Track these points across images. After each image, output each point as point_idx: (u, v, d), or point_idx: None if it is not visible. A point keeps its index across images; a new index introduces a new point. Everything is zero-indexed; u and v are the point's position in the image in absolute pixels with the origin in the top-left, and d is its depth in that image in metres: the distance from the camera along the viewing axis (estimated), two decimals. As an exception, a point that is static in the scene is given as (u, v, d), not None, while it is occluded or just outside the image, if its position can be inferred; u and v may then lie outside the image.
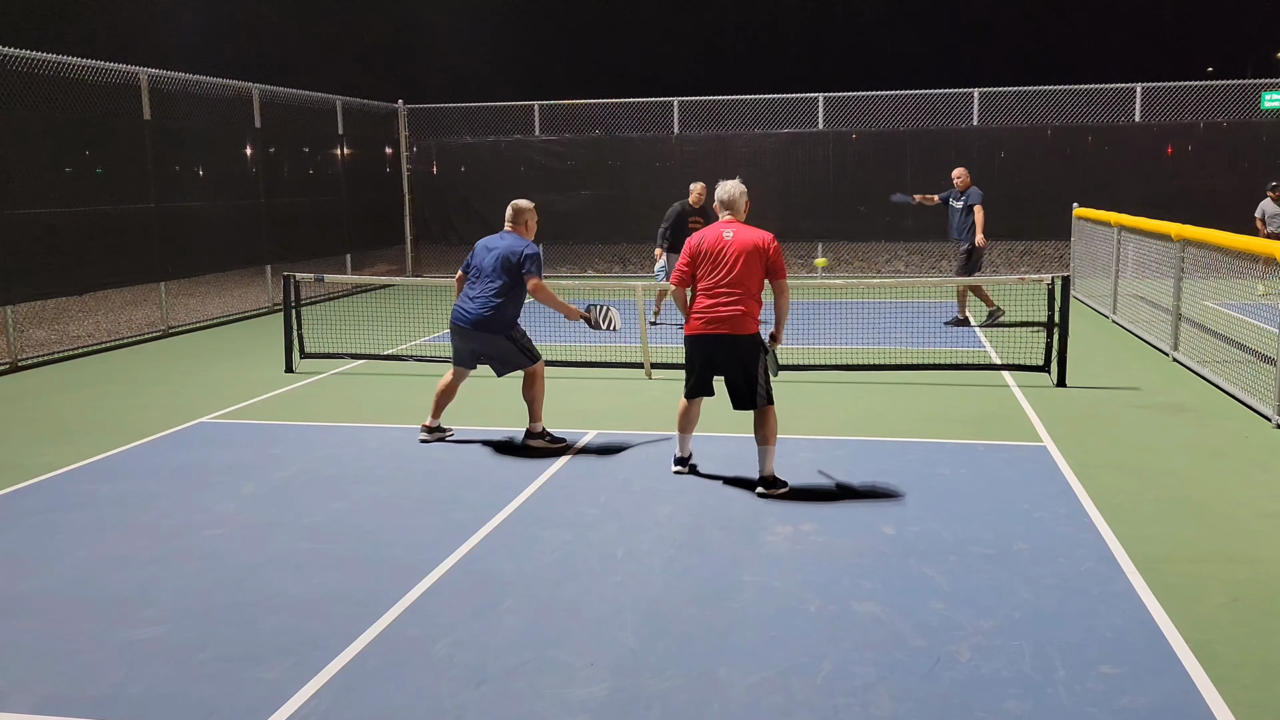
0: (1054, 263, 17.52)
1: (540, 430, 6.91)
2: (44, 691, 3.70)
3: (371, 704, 3.58)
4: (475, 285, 6.84)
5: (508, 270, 6.72)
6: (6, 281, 10.24)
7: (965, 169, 12.01)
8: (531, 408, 6.90)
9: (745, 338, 5.74)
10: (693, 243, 5.86)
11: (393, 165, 19.16)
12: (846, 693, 3.59)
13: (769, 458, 5.79)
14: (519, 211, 6.97)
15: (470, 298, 6.82)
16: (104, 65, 11.42)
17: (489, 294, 6.72)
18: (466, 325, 6.78)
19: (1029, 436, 6.98)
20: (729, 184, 5.96)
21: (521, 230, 6.92)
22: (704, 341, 5.82)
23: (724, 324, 5.71)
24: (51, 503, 5.86)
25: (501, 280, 6.71)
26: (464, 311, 6.81)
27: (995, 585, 4.47)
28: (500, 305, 6.70)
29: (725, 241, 5.76)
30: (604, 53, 44.00)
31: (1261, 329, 8.80)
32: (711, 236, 5.81)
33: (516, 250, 6.75)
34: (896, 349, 10.22)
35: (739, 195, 5.96)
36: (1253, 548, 4.93)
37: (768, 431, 5.77)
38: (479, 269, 6.86)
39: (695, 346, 5.89)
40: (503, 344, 6.80)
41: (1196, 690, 3.58)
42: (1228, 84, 16.57)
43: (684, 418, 6.12)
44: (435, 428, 7.11)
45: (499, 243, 6.85)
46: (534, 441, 6.88)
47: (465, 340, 6.87)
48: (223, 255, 14.17)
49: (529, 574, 4.70)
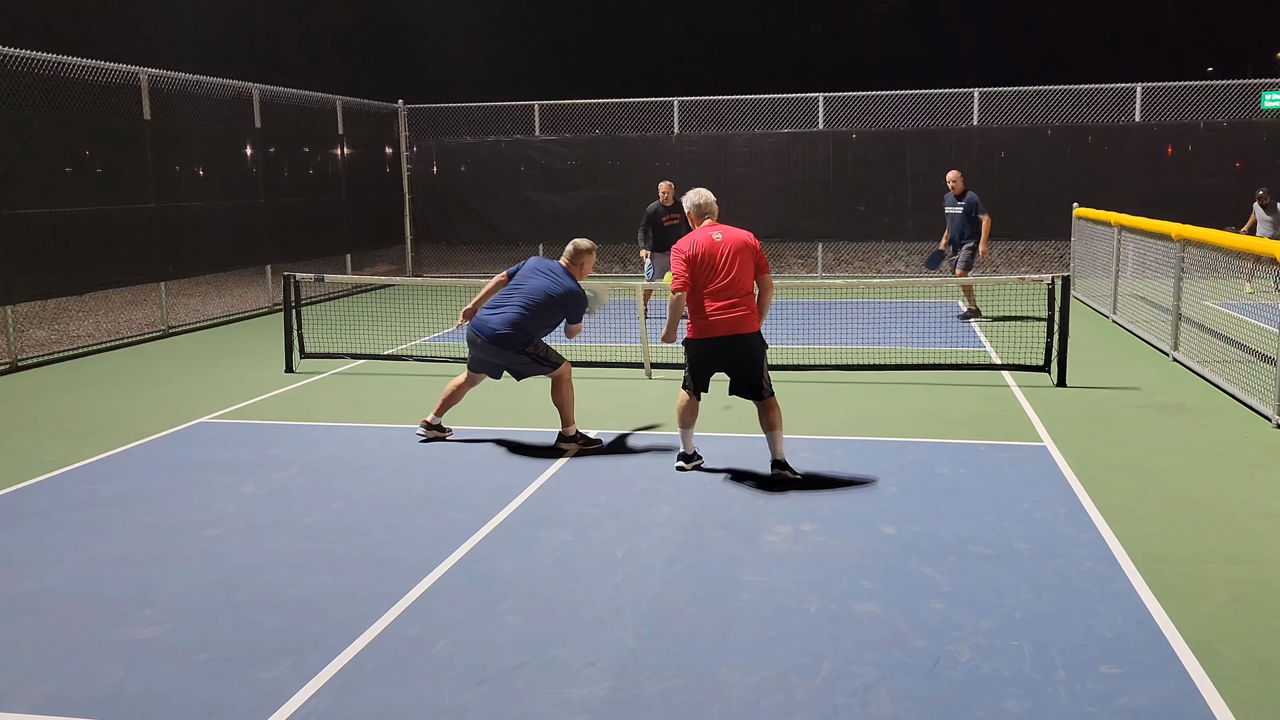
0: (1054, 263, 17.52)
1: (573, 433, 6.87)
2: (44, 691, 3.70)
3: (371, 704, 3.58)
4: (509, 298, 6.69)
5: (547, 304, 6.62)
6: (6, 281, 10.25)
7: (959, 171, 12.16)
8: (562, 411, 6.85)
9: (755, 335, 5.99)
10: (684, 250, 5.95)
11: (393, 165, 19.17)
12: (846, 693, 3.60)
13: (779, 441, 6.05)
14: (579, 252, 6.82)
15: (495, 309, 6.68)
16: (104, 65, 11.42)
17: (516, 313, 6.59)
18: (483, 338, 6.64)
19: (1029, 436, 6.98)
20: (700, 191, 6.24)
21: (577, 271, 6.80)
22: (718, 344, 5.96)
23: (737, 324, 5.91)
24: (51, 503, 5.86)
25: (536, 307, 6.60)
26: (485, 324, 6.66)
27: (995, 585, 4.47)
28: (522, 326, 6.59)
29: (717, 244, 5.95)
30: (604, 53, 44.01)
31: (1261, 329, 8.81)
32: (703, 241, 5.97)
33: (566, 292, 6.64)
34: (896, 349, 10.22)
35: (712, 199, 6.24)
36: (1253, 548, 4.93)
37: (774, 418, 6.02)
38: (520, 284, 6.73)
39: (706, 349, 6.01)
40: (519, 359, 6.72)
41: (1196, 690, 3.58)
42: (1228, 84, 16.57)
43: (686, 413, 6.23)
44: (435, 425, 7.05)
45: (551, 273, 6.72)
46: (567, 445, 6.83)
47: (482, 353, 6.76)
48: (223, 255, 14.17)
49: (529, 574, 4.70)
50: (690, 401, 6.20)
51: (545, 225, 18.63)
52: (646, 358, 9.23)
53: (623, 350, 9.87)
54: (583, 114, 18.66)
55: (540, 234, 18.66)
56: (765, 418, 6.04)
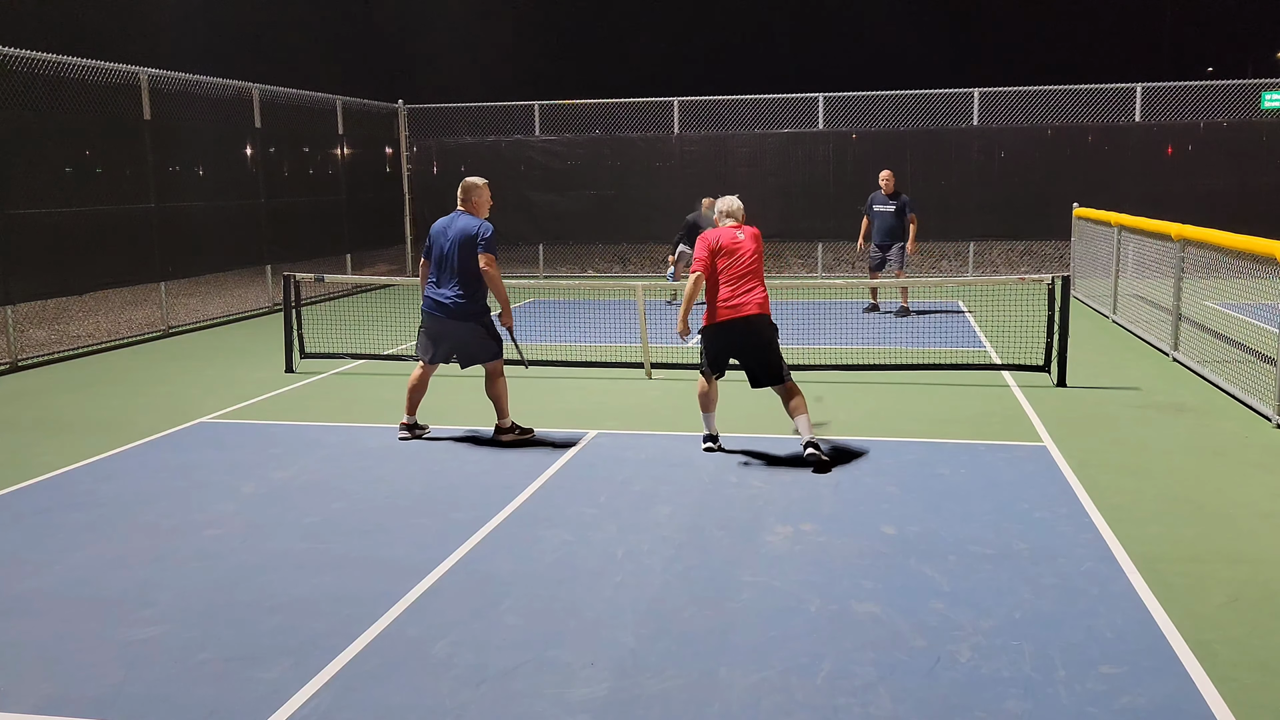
0: (1054, 263, 17.52)
1: (509, 424, 7.03)
2: (44, 691, 3.70)
3: (371, 704, 3.58)
4: (441, 273, 6.79)
5: (468, 252, 6.68)
6: (6, 281, 10.25)
7: (892, 172, 12.68)
8: (497, 405, 7.00)
9: (766, 319, 6.39)
10: (709, 238, 6.43)
11: (393, 165, 19.17)
12: (846, 693, 3.60)
13: (806, 422, 6.38)
14: (470, 190, 6.85)
15: (440, 285, 6.79)
16: (104, 65, 11.42)
17: (457, 279, 6.72)
18: (442, 314, 6.76)
19: (1029, 436, 6.98)
20: (732, 199, 6.73)
21: (474, 209, 6.83)
22: (737, 325, 6.31)
23: (755, 305, 6.32)
24: (51, 503, 5.86)
25: (466, 263, 6.69)
26: (439, 300, 6.78)
27: (995, 585, 4.47)
28: (472, 291, 6.73)
29: (740, 240, 6.43)
30: (604, 53, 43.96)
31: (1261, 329, 8.81)
32: (726, 235, 6.46)
33: (472, 229, 6.69)
34: (896, 349, 10.22)
35: (740, 207, 6.73)
36: (1253, 548, 4.93)
37: (797, 401, 6.38)
38: (440, 255, 6.80)
39: (725, 332, 6.36)
40: (475, 330, 6.82)
41: (1196, 690, 3.58)
42: (1228, 84, 16.56)
43: (706, 397, 6.61)
44: (412, 424, 7.12)
45: (454, 224, 6.78)
46: (504, 436, 6.99)
47: (440, 327, 6.84)
48: (223, 255, 14.17)
49: (529, 574, 4.70)
50: (707, 385, 6.57)
51: (545, 225, 18.63)
52: (646, 358, 9.22)
53: (623, 350, 9.87)
54: (583, 114, 18.66)
55: (540, 234, 18.66)
56: (789, 403, 6.38)
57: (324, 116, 16.69)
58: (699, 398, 6.63)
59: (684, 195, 17.73)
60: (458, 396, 8.45)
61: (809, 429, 6.35)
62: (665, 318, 12.16)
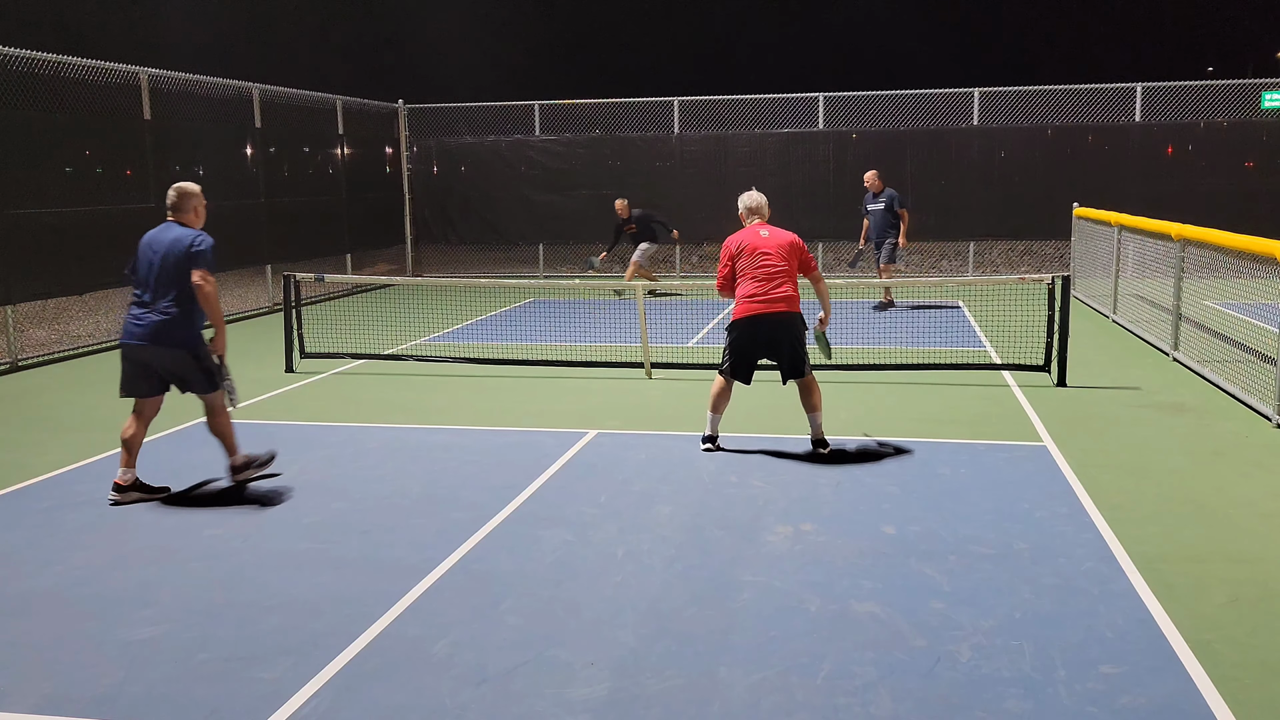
0: (1054, 263, 17.52)
1: (241, 461, 6.10)
2: (44, 691, 3.70)
3: (371, 704, 3.58)
4: (146, 292, 5.71)
5: (179, 268, 5.64)
6: (6, 281, 10.25)
7: (876, 171, 13.17)
8: (224, 442, 6.04)
9: (798, 315, 6.45)
10: (730, 246, 6.50)
11: (393, 165, 19.17)
12: (846, 693, 3.59)
13: (820, 422, 6.57)
14: (183, 196, 5.91)
15: (141, 307, 5.71)
16: (104, 65, 11.42)
17: (164, 300, 5.66)
18: (141, 342, 5.67)
19: (1029, 436, 6.98)
20: (754, 194, 6.74)
21: (187, 219, 5.90)
22: (764, 320, 6.36)
23: (782, 303, 6.37)
24: (51, 503, 5.86)
25: (175, 281, 5.65)
26: (136, 326, 5.69)
27: (995, 585, 4.47)
28: (180, 313, 5.68)
29: (765, 239, 6.47)
30: (604, 53, 44.00)
31: (1261, 329, 8.80)
32: (750, 237, 6.50)
33: (185, 241, 5.69)
34: (896, 349, 10.22)
35: (764, 201, 6.75)
36: (1253, 548, 4.93)
37: (815, 400, 6.54)
38: (146, 273, 5.73)
39: (753, 327, 6.39)
40: (185, 361, 5.74)
41: (1197, 690, 3.58)
42: (1228, 84, 16.56)
43: (719, 398, 6.63)
44: (130, 484, 5.82)
45: (164, 237, 5.75)
46: (240, 475, 6.09)
47: (141, 357, 5.73)
48: (223, 255, 14.10)
49: (529, 574, 4.70)
50: (724, 386, 6.58)
51: (545, 225, 18.63)
52: (646, 358, 9.22)
53: (623, 350, 9.87)
54: (583, 114, 18.66)
55: (540, 234, 18.66)
56: (807, 399, 6.54)
57: (324, 116, 16.69)
58: (712, 396, 6.63)
59: (684, 195, 17.75)
60: (457, 396, 8.45)
61: (820, 428, 6.52)
62: (666, 317, 12.16)
